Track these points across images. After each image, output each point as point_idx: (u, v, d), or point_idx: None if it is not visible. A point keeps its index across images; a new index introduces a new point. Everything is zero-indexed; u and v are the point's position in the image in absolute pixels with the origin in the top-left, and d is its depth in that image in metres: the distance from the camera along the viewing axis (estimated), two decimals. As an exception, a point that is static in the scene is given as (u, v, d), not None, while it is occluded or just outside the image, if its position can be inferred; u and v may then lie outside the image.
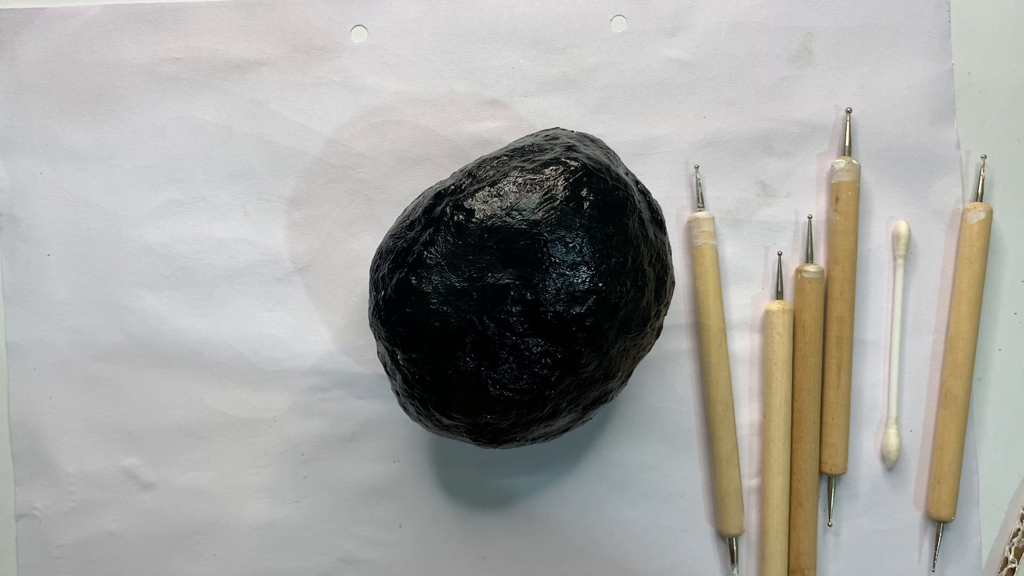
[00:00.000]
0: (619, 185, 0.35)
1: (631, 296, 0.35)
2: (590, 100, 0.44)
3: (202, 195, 0.44)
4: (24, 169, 0.44)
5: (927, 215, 0.44)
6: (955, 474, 0.43)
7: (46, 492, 0.44)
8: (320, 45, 0.44)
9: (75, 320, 0.44)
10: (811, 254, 0.44)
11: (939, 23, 0.44)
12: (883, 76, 0.44)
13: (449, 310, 0.34)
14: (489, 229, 0.34)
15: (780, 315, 0.43)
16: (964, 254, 0.43)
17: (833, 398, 0.43)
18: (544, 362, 0.34)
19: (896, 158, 0.44)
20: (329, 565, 0.44)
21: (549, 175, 0.35)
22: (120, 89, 0.44)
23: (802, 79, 0.44)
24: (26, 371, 0.44)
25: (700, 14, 0.44)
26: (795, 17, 0.44)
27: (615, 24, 0.44)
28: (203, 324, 0.44)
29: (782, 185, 0.44)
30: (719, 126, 0.44)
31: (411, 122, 0.44)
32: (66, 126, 0.44)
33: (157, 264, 0.44)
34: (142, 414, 0.44)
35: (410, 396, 0.36)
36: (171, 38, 0.44)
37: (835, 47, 0.44)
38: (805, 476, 0.43)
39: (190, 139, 0.44)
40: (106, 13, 0.44)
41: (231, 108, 0.44)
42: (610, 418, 0.44)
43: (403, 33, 0.44)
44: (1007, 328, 0.44)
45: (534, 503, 0.44)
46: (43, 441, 0.44)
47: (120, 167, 0.44)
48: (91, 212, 0.44)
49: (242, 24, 0.44)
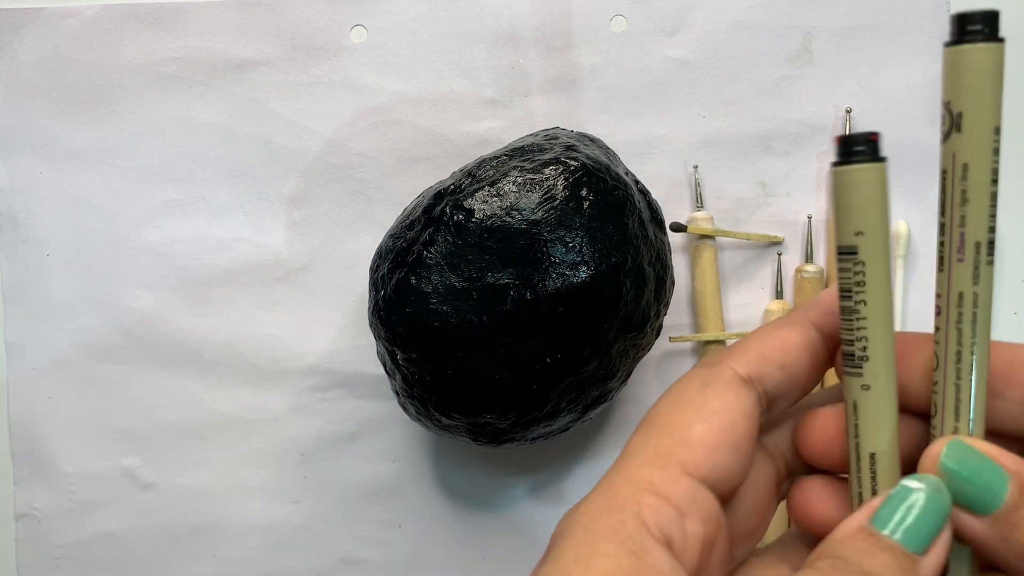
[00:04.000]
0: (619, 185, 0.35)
1: (631, 296, 0.35)
2: (590, 100, 0.44)
3: (201, 195, 0.44)
4: (23, 169, 0.44)
5: (927, 215, 0.44)
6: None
7: (46, 492, 0.44)
8: (320, 45, 0.44)
9: (74, 320, 0.44)
10: (811, 254, 0.44)
11: (939, 23, 0.44)
12: (883, 76, 0.44)
13: (449, 310, 0.34)
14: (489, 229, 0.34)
15: (780, 315, 0.43)
16: (964, 254, 0.43)
17: (833, 398, 0.43)
18: (544, 362, 0.34)
19: (896, 158, 0.44)
20: (329, 565, 0.44)
21: (549, 175, 0.35)
22: (119, 89, 0.44)
23: (802, 79, 0.44)
24: (25, 371, 0.44)
25: (700, 14, 0.44)
26: (795, 17, 0.44)
27: (615, 24, 0.44)
28: (202, 324, 0.44)
29: (782, 185, 0.44)
30: (719, 126, 0.44)
31: (411, 122, 0.44)
32: (65, 126, 0.44)
33: (156, 264, 0.44)
34: (142, 414, 0.44)
35: (410, 396, 0.36)
36: (170, 38, 0.44)
37: (835, 47, 0.44)
38: (805, 476, 0.43)
39: (189, 139, 0.44)
40: (105, 13, 0.44)
41: (231, 108, 0.44)
42: (610, 418, 0.44)
43: (403, 33, 0.44)
44: (1007, 328, 0.44)
45: (534, 503, 0.44)
46: (42, 441, 0.44)
47: (119, 167, 0.44)
48: (90, 212, 0.44)
49: (241, 24, 0.44)
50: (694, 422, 0.23)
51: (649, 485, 0.22)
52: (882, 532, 0.22)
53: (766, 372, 0.24)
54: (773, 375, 0.24)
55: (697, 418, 0.23)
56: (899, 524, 0.22)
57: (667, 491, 0.22)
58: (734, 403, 0.23)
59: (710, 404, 0.23)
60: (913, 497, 0.22)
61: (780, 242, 0.44)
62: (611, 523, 0.21)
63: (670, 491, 0.22)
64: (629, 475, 0.22)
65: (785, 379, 0.24)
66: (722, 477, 0.23)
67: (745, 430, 0.23)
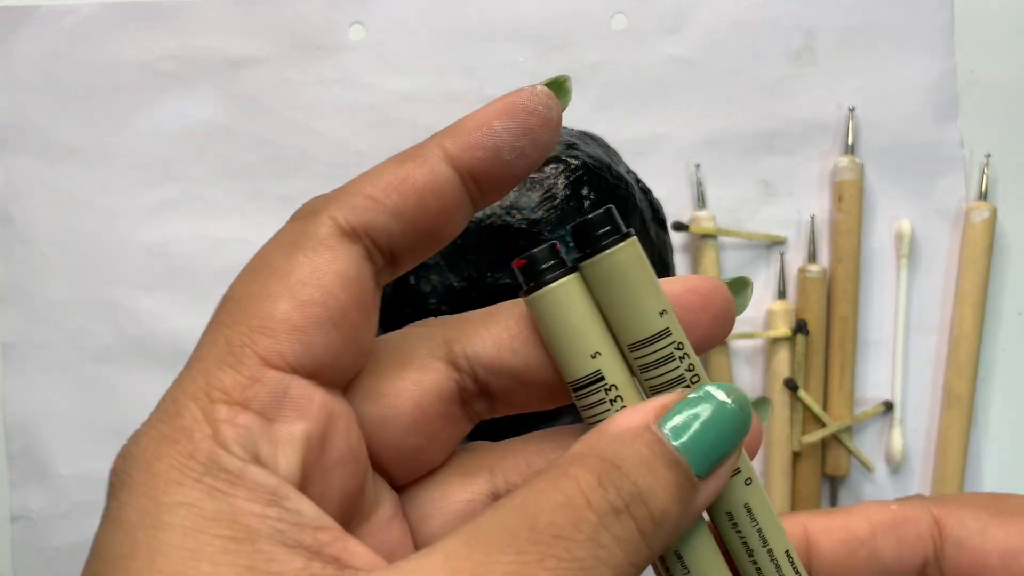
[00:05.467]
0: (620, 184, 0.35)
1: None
2: (591, 98, 0.44)
3: (199, 194, 0.44)
4: (20, 167, 0.44)
5: (930, 214, 0.44)
6: (959, 475, 0.42)
7: (41, 494, 0.44)
8: (318, 43, 0.44)
9: (70, 320, 0.44)
10: (814, 254, 0.43)
11: (942, 20, 0.44)
12: (886, 74, 0.44)
13: (448, 310, 0.34)
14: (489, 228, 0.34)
15: (782, 315, 0.42)
16: (968, 253, 0.43)
17: (836, 399, 0.42)
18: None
19: (899, 157, 0.44)
20: (327, 567, 0.44)
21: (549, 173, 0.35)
22: (116, 87, 0.44)
23: (804, 77, 0.44)
24: (21, 372, 0.44)
25: (701, 12, 0.44)
26: (797, 15, 0.44)
27: (615, 21, 0.44)
28: (199, 324, 0.43)
29: (784, 184, 0.44)
30: (721, 124, 0.44)
31: (410, 120, 0.44)
32: (62, 124, 0.44)
33: (153, 264, 0.44)
34: (138, 415, 0.44)
35: (409, 397, 0.36)
36: (168, 36, 0.44)
37: (838, 45, 0.44)
38: (808, 478, 0.42)
39: (187, 137, 0.44)
40: (102, 11, 0.44)
41: (228, 106, 0.44)
42: (611, 419, 0.44)
43: (402, 30, 0.44)
44: (1011, 328, 0.44)
45: (534, 505, 0.44)
46: (38, 443, 0.44)
47: (116, 166, 0.44)
48: (87, 211, 0.44)
49: (239, 22, 0.44)
50: (278, 298, 0.18)
51: (222, 392, 0.17)
52: (671, 441, 0.18)
53: (376, 221, 0.19)
54: (386, 224, 0.19)
55: (282, 292, 0.18)
56: (691, 434, 0.18)
57: (245, 395, 0.17)
58: (331, 265, 0.18)
59: (298, 271, 0.18)
60: (714, 406, 0.18)
61: (782, 241, 0.44)
62: (179, 457, 0.17)
63: (249, 394, 0.17)
64: (196, 384, 0.18)
65: (404, 228, 0.19)
66: (323, 362, 0.18)
67: (349, 299, 0.18)
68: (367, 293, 0.19)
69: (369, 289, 0.19)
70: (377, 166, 0.20)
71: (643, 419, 0.18)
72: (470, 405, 0.21)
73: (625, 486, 0.17)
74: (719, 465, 0.18)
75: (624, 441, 0.18)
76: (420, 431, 0.20)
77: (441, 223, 0.20)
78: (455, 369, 0.20)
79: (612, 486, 0.17)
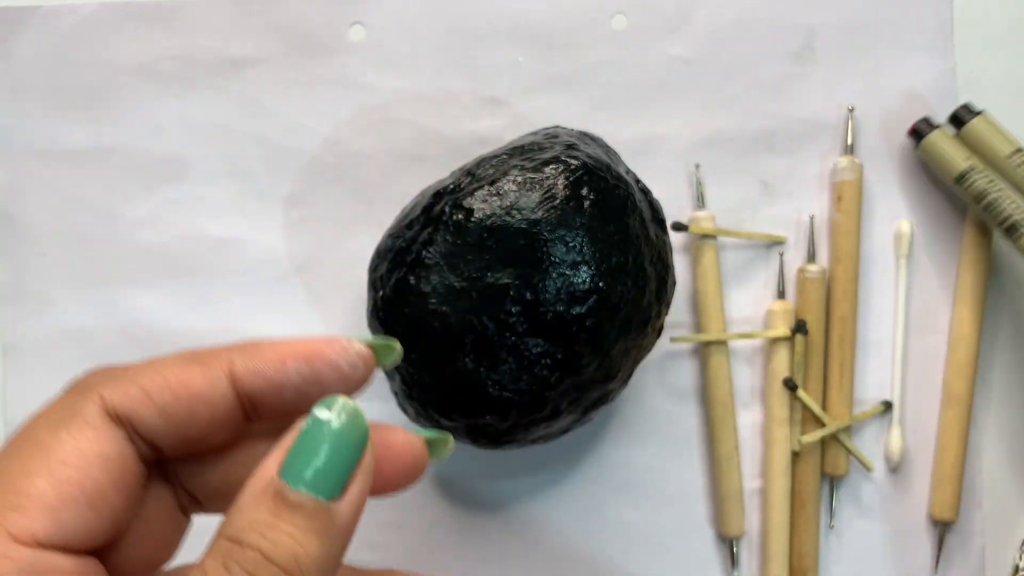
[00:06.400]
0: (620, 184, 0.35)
1: (632, 296, 0.34)
2: (590, 98, 0.44)
3: (199, 194, 0.44)
4: (19, 167, 0.44)
5: (929, 214, 0.44)
6: (958, 475, 0.42)
7: (42, 493, 0.44)
8: (318, 42, 0.44)
9: (70, 320, 0.44)
10: (813, 254, 0.43)
11: (942, 20, 0.44)
12: (886, 74, 0.44)
13: (448, 310, 0.34)
14: (489, 228, 0.34)
15: (782, 315, 0.42)
16: (967, 253, 0.43)
17: (835, 399, 0.42)
18: (544, 363, 0.34)
19: (899, 157, 0.44)
20: (327, 567, 0.44)
21: (549, 174, 0.34)
22: (116, 87, 0.44)
23: (805, 77, 0.44)
24: (21, 372, 0.44)
25: (701, 11, 0.44)
26: (798, 14, 0.44)
27: (615, 21, 0.44)
28: (200, 324, 0.44)
29: (784, 184, 0.44)
30: (720, 124, 0.44)
31: (410, 120, 0.44)
32: (61, 124, 0.44)
33: (153, 263, 0.44)
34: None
35: (409, 397, 0.36)
36: (167, 36, 0.44)
37: (838, 45, 0.44)
38: (807, 477, 0.42)
39: (186, 137, 0.44)
40: (102, 10, 0.44)
41: (228, 106, 0.44)
42: (611, 419, 0.44)
43: (402, 30, 0.44)
44: (1011, 328, 0.44)
45: (534, 505, 0.44)
46: (39, 442, 0.44)
47: (116, 165, 0.44)
48: (87, 211, 0.44)
49: (239, 21, 0.44)
50: (36, 475, 0.18)
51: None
52: (291, 487, 0.18)
53: (141, 414, 0.20)
54: (150, 419, 0.20)
55: (41, 469, 0.18)
56: (311, 468, 0.18)
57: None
58: (92, 447, 0.19)
59: (60, 450, 0.19)
60: (323, 429, 0.19)
61: (782, 242, 0.44)
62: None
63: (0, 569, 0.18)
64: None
65: (167, 429, 0.20)
66: (75, 538, 0.19)
67: (108, 480, 0.19)
68: (128, 473, 0.20)
69: (131, 469, 0.20)
70: (166, 358, 0.21)
71: (267, 475, 0.18)
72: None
73: (248, 558, 0.18)
74: (348, 479, 0.19)
75: (244, 510, 0.18)
76: (167, 540, 0.22)
77: (207, 432, 0.20)
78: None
79: (236, 565, 0.18)
